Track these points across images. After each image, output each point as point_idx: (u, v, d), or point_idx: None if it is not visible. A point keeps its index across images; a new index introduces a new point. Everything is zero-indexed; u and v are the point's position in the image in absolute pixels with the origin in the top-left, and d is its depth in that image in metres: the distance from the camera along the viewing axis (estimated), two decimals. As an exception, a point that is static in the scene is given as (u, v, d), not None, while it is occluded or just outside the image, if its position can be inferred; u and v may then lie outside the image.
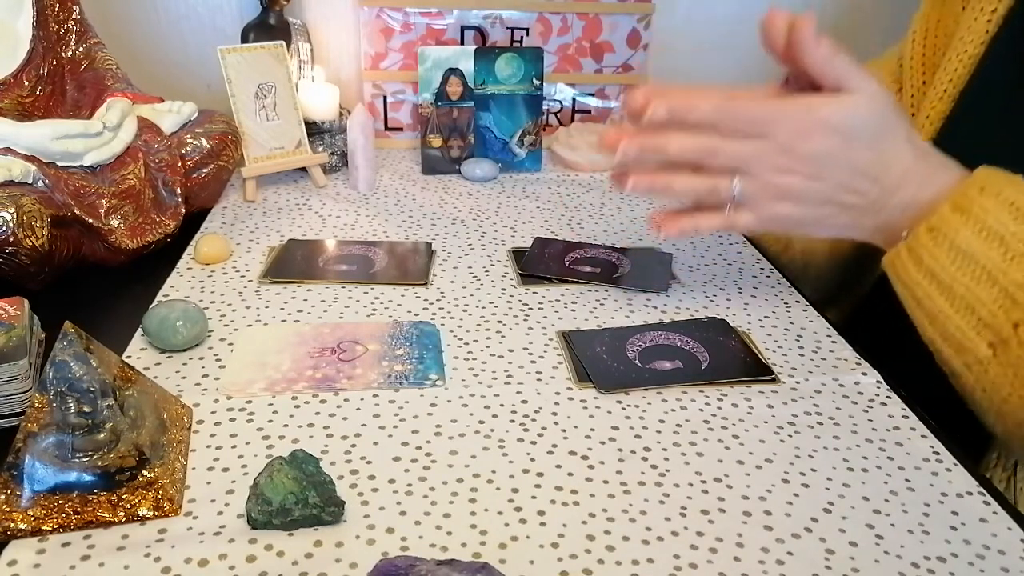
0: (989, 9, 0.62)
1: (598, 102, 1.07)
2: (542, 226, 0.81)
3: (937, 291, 0.52)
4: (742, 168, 0.53)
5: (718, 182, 0.54)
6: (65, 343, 0.40)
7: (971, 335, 0.50)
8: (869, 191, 0.54)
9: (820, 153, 0.52)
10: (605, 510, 0.44)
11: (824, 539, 0.43)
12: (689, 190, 0.55)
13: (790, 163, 0.52)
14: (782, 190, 0.53)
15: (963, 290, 0.50)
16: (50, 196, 0.62)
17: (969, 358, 0.51)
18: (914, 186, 0.53)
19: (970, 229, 0.50)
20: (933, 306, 0.52)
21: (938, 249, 0.51)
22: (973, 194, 0.51)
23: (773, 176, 0.53)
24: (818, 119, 0.51)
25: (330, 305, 0.64)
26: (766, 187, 0.53)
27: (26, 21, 0.75)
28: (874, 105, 0.52)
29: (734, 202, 0.54)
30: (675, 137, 0.53)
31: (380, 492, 0.44)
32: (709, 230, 0.57)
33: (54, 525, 0.40)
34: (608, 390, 0.54)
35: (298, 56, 0.96)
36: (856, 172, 0.53)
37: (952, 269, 0.51)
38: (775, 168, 0.52)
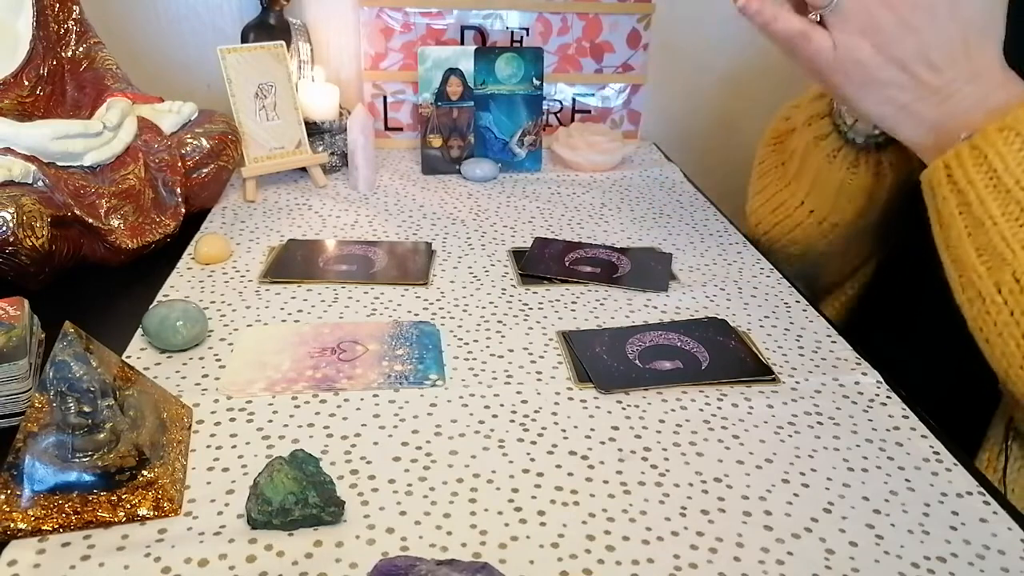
0: None
1: (598, 102, 1.07)
2: (542, 226, 0.81)
3: (992, 194, 0.49)
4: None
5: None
6: (65, 343, 0.40)
7: (1016, 247, 0.48)
8: (945, 70, 0.52)
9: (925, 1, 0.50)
10: (605, 510, 0.44)
11: (824, 539, 0.43)
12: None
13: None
14: (874, 23, 0.51)
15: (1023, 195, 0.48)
16: (50, 196, 0.62)
17: (1005, 275, 0.49)
18: (989, 86, 0.52)
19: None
20: (982, 212, 0.50)
21: (1007, 147, 0.49)
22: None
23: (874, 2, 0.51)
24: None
25: (330, 305, 0.64)
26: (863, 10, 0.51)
27: (26, 21, 0.75)
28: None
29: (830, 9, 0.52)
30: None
31: (380, 492, 0.44)
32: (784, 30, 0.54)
33: (54, 525, 0.40)
34: (608, 390, 0.54)
35: (298, 56, 0.96)
36: (943, 41, 0.51)
37: (1018, 171, 0.48)
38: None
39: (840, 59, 0.53)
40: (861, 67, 0.53)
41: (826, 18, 0.52)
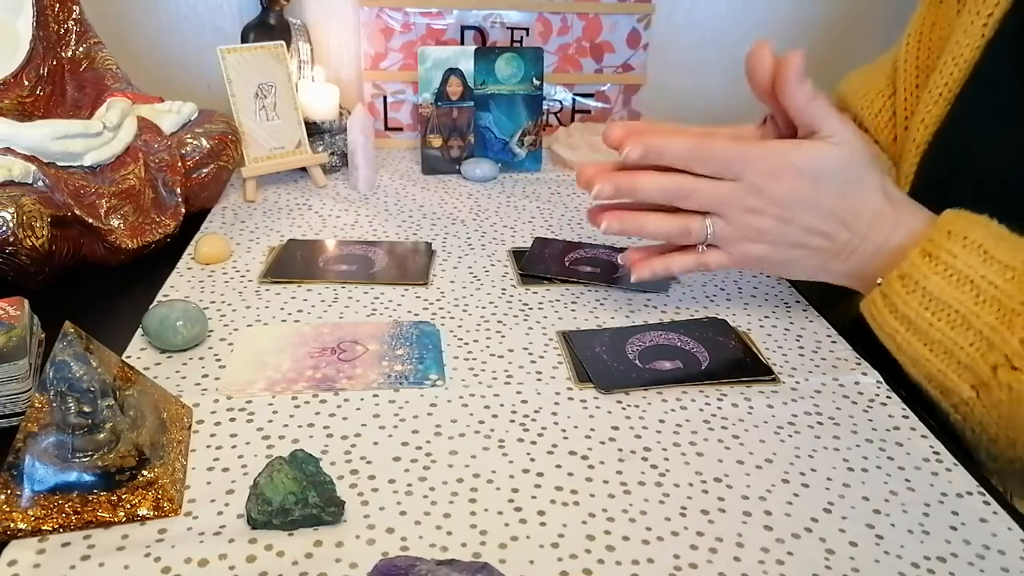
0: (985, 13, 0.62)
1: (598, 102, 1.07)
2: (542, 226, 0.81)
3: (915, 337, 0.52)
4: (715, 209, 0.54)
5: (691, 223, 0.55)
6: (65, 343, 0.40)
7: (953, 378, 0.51)
8: (838, 235, 0.55)
9: (789, 196, 0.53)
10: (605, 510, 0.44)
11: (824, 539, 0.43)
12: (662, 230, 0.56)
13: (761, 204, 0.54)
14: (754, 230, 0.55)
15: (939, 335, 0.51)
16: (50, 196, 0.62)
17: (955, 399, 0.51)
18: (885, 231, 0.55)
19: (940, 275, 0.51)
20: (912, 351, 0.53)
21: (911, 296, 0.52)
22: (940, 239, 0.51)
23: (745, 217, 0.54)
24: (788, 163, 0.53)
25: (330, 305, 0.64)
26: (738, 227, 0.55)
27: (26, 21, 0.75)
28: (845, 152, 0.53)
29: (707, 242, 0.56)
30: (649, 177, 0.54)
31: (380, 492, 0.44)
32: (681, 270, 0.58)
33: (54, 525, 0.40)
34: (608, 390, 0.54)
35: (298, 56, 0.96)
36: (825, 216, 0.54)
37: (927, 315, 0.51)
38: (746, 209, 0.54)
39: (741, 262, 0.58)
40: (763, 260, 0.57)
41: (711, 243, 0.57)
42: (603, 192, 0.55)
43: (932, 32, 0.70)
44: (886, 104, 0.74)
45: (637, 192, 0.55)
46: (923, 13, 0.71)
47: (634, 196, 0.55)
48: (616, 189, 0.55)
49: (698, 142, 0.53)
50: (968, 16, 0.63)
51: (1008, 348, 0.48)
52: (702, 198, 0.54)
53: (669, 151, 0.53)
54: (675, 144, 0.53)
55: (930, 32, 0.70)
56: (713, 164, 0.53)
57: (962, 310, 0.50)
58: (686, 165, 0.53)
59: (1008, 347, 0.48)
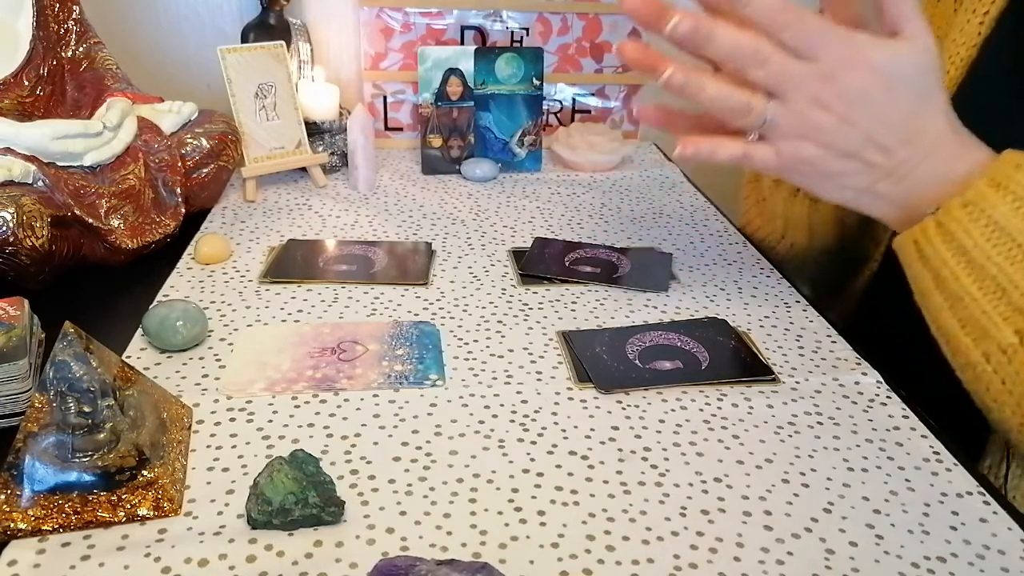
0: (981, 11, 0.62)
1: (598, 102, 1.07)
2: (542, 226, 0.81)
3: (966, 271, 0.49)
4: (781, 89, 0.50)
5: (754, 99, 0.51)
6: (65, 343, 0.40)
7: (997, 320, 0.48)
8: (897, 151, 0.51)
9: (859, 91, 0.49)
10: (605, 510, 0.44)
11: (824, 539, 0.43)
12: (722, 98, 0.51)
13: (829, 96, 0.50)
14: (812, 125, 0.51)
15: (995, 270, 0.48)
16: (50, 196, 0.62)
17: (991, 346, 0.49)
18: (946, 157, 0.51)
19: (1009, 205, 0.48)
20: (958, 287, 0.50)
21: (973, 224, 0.49)
22: (1010, 171, 0.49)
23: (808, 107, 0.50)
24: (868, 57, 0.49)
25: (330, 305, 0.64)
26: (798, 117, 0.51)
27: (26, 21, 0.75)
28: (924, 60, 0.50)
29: (763, 127, 0.51)
30: (729, 28, 0.49)
31: (380, 492, 0.44)
32: (727, 158, 0.53)
33: (54, 525, 0.40)
34: (608, 390, 0.54)
35: (298, 56, 0.96)
36: (888, 126, 0.51)
37: (987, 246, 0.48)
38: (813, 98, 0.50)
39: (787, 164, 0.53)
40: (810, 164, 0.52)
41: (764, 133, 0.52)
42: (680, 27, 0.49)
43: None
44: None
45: (713, 39, 0.49)
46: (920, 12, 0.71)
47: (708, 44, 0.50)
48: (695, 27, 0.49)
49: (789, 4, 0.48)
50: (965, 15, 0.63)
51: None
52: (775, 68, 0.49)
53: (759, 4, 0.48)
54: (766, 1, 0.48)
55: None
56: (797, 31, 0.48)
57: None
58: (771, 25, 0.49)
59: None
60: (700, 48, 0.50)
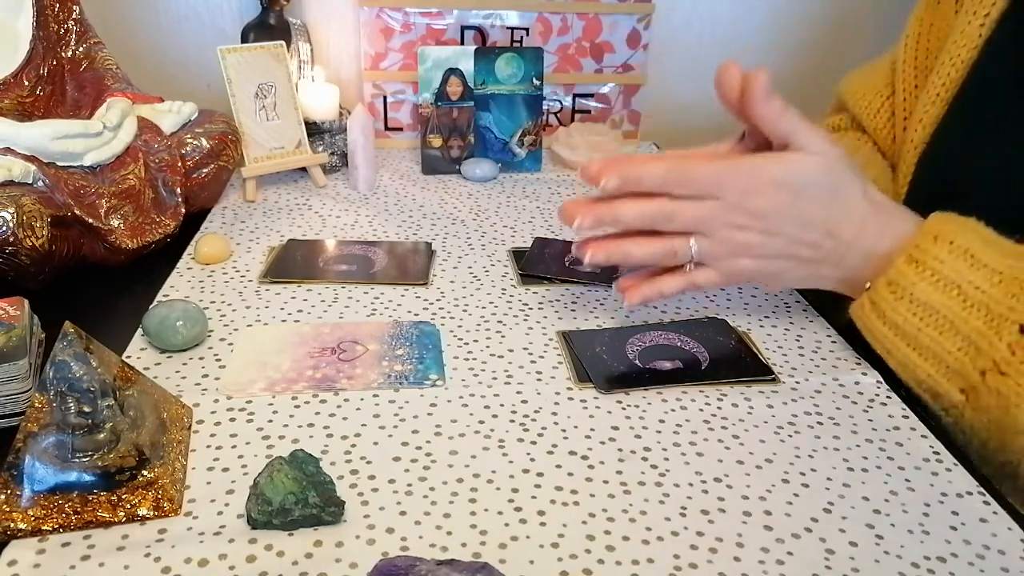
0: (982, 13, 0.62)
1: (598, 102, 1.07)
2: (542, 226, 0.81)
3: (903, 342, 0.52)
4: (698, 229, 0.54)
5: (676, 244, 0.55)
6: (65, 343, 0.40)
7: (942, 382, 0.51)
8: (823, 244, 0.55)
9: (771, 209, 0.53)
10: (605, 510, 0.44)
11: (824, 539, 0.43)
12: (648, 255, 0.56)
13: (744, 219, 0.53)
14: (740, 245, 0.54)
15: (928, 340, 0.51)
16: (50, 196, 0.62)
17: (944, 403, 0.52)
18: (872, 237, 0.55)
19: (927, 281, 0.51)
20: (902, 356, 0.53)
21: (899, 303, 0.52)
22: (927, 245, 0.52)
23: (729, 233, 0.54)
24: (767, 176, 0.53)
25: (330, 305, 0.64)
26: (723, 243, 0.54)
27: (26, 21, 0.75)
28: (822, 162, 0.53)
29: (694, 261, 0.56)
30: (629, 204, 0.54)
31: (380, 492, 0.44)
32: (673, 292, 0.58)
33: (54, 525, 0.40)
34: (608, 390, 0.54)
35: (298, 56, 0.96)
36: (808, 226, 0.54)
37: (915, 320, 0.51)
38: (730, 225, 0.54)
39: (730, 278, 0.57)
40: (753, 274, 0.57)
41: (698, 262, 0.56)
42: (584, 224, 0.54)
43: (930, 33, 0.70)
44: (885, 104, 0.74)
45: (618, 220, 0.54)
46: (921, 14, 0.71)
47: (616, 224, 0.55)
48: (597, 219, 0.54)
49: (673, 165, 0.53)
50: (965, 17, 0.63)
51: (996, 353, 0.48)
52: (684, 219, 0.53)
53: (646, 177, 0.53)
54: (651, 170, 0.53)
55: (928, 33, 0.70)
56: (691, 186, 0.53)
57: (950, 315, 0.50)
58: (665, 189, 0.53)
59: (996, 352, 0.48)
60: (613, 227, 0.55)
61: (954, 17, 0.66)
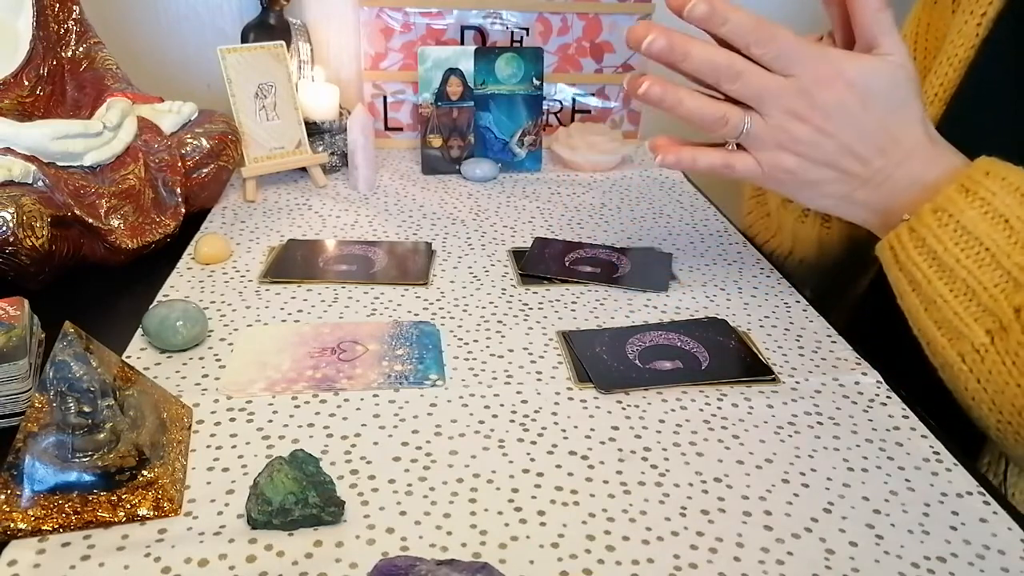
0: (979, 12, 0.62)
1: (598, 102, 1.07)
2: (542, 226, 0.81)
3: (937, 274, 0.51)
4: (757, 102, 0.52)
5: (731, 112, 0.52)
6: (65, 343, 0.40)
7: (969, 321, 0.50)
8: (872, 160, 0.53)
9: (834, 105, 0.51)
10: (605, 510, 0.44)
11: (824, 539, 0.43)
12: (700, 110, 0.53)
13: (804, 109, 0.51)
14: (790, 137, 0.52)
15: (965, 273, 0.50)
16: (50, 196, 0.62)
17: (965, 346, 0.50)
18: (920, 164, 0.53)
19: (976, 210, 0.50)
20: (931, 290, 0.51)
21: (942, 229, 0.51)
22: (979, 177, 0.51)
23: (785, 119, 0.52)
24: (842, 72, 0.51)
25: (330, 305, 0.64)
26: (775, 129, 0.52)
27: (26, 21, 0.75)
28: (898, 74, 0.51)
29: (741, 138, 0.53)
30: (704, 45, 0.51)
31: (380, 492, 0.44)
32: (707, 166, 0.55)
33: (54, 525, 0.40)
34: (608, 390, 0.54)
35: (298, 56, 0.96)
36: (864, 136, 0.52)
37: (956, 250, 0.50)
38: (789, 111, 0.51)
39: (768, 173, 0.54)
40: (790, 173, 0.54)
41: (743, 143, 0.54)
42: (656, 44, 0.51)
43: (928, 33, 0.70)
44: None
45: (688, 56, 0.51)
46: (918, 14, 0.71)
47: (684, 61, 0.52)
48: (669, 44, 0.51)
49: (764, 21, 0.50)
50: (962, 16, 0.63)
51: None
52: (750, 83, 0.51)
53: (734, 19, 0.50)
54: (741, 14, 0.50)
55: (925, 33, 0.70)
56: (771, 48, 0.50)
57: (993, 248, 0.49)
58: (745, 41, 0.50)
59: None
60: (677, 64, 0.52)
61: (951, 17, 0.66)
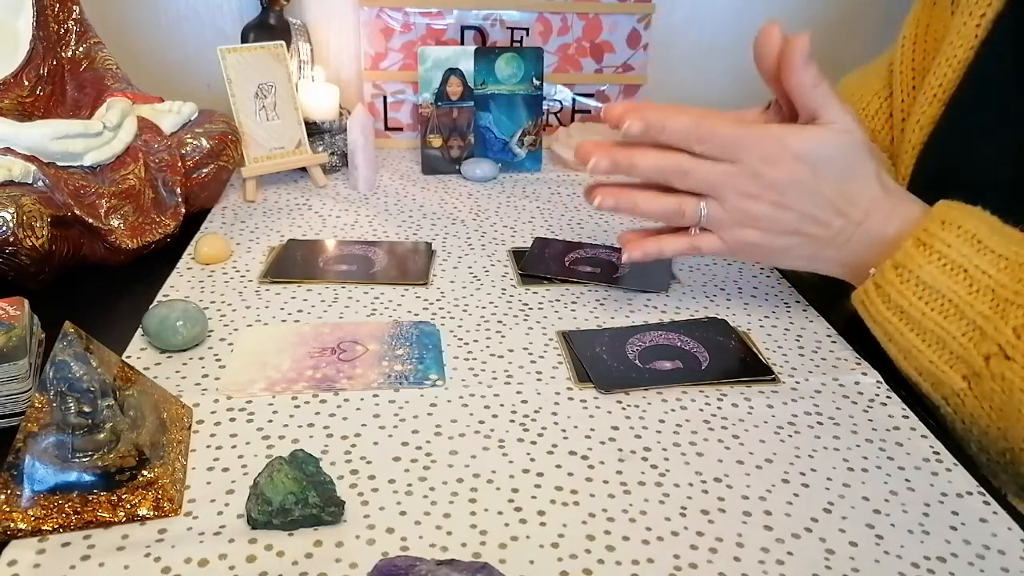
0: (978, 13, 0.62)
1: (598, 102, 1.07)
2: (542, 226, 0.81)
3: (907, 327, 0.52)
4: (710, 191, 0.54)
5: (685, 203, 0.55)
6: (65, 343, 0.40)
7: (945, 369, 0.51)
8: (833, 222, 0.55)
9: (787, 181, 0.53)
10: (605, 510, 0.44)
11: (824, 539, 0.43)
12: (656, 209, 0.55)
13: (758, 189, 0.53)
14: (749, 216, 0.54)
15: (932, 325, 0.51)
16: (50, 196, 0.62)
17: (946, 391, 0.52)
18: (879, 220, 0.55)
19: (934, 264, 0.51)
20: (905, 342, 0.53)
21: (904, 285, 0.52)
22: (934, 229, 0.52)
23: (740, 201, 0.54)
24: (788, 148, 0.52)
25: (330, 305, 0.64)
26: (733, 211, 0.54)
27: (26, 21, 0.75)
28: (845, 139, 0.53)
29: (700, 225, 0.55)
30: (647, 153, 0.54)
31: (380, 492, 0.44)
32: (674, 253, 0.58)
33: (54, 525, 0.40)
34: (608, 390, 0.54)
35: (298, 56, 0.96)
36: (821, 203, 0.54)
37: (920, 304, 0.51)
38: (743, 193, 0.53)
39: (734, 248, 0.57)
40: (756, 246, 0.57)
41: (705, 227, 0.56)
42: (599, 166, 0.54)
43: (927, 34, 0.70)
44: (883, 106, 0.74)
45: (634, 167, 0.54)
46: (917, 15, 0.72)
47: (631, 172, 0.54)
48: (613, 163, 0.54)
49: (699, 120, 0.52)
50: (961, 17, 0.63)
51: (1001, 337, 0.48)
52: (698, 178, 0.53)
53: (670, 126, 0.52)
54: (676, 120, 0.52)
55: (924, 34, 0.70)
56: (712, 144, 0.52)
57: (955, 299, 0.50)
58: (686, 143, 0.53)
59: (1001, 336, 0.48)
60: (627, 174, 0.55)
61: (950, 18, 0.66)
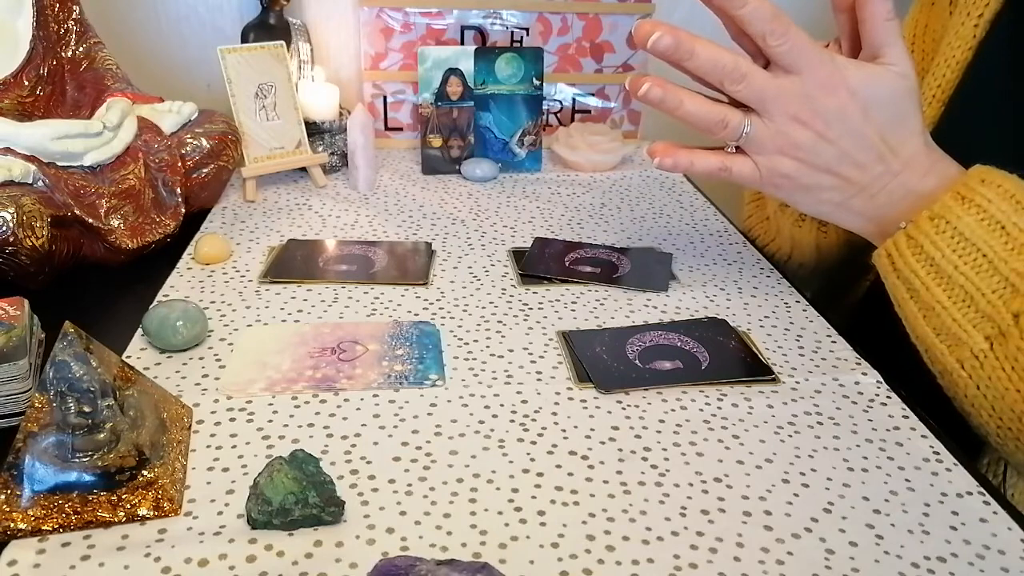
0: (976, 14, 0.62)
1: (598, 102, 1.07)
2: (542, 226, 0.81)
3: (935, 280, 0.51)
4: (759, 105, 0.52)
5: (731, 114, 0.52)
6: (65, 343, 0.40)
7: (968, 327, 0.50)
8: (871, 167, 0.53)
9: (836, 112, 0.51)
10: (605, 510, 0.44)
11: (824, 539, 0.43)
12: (700, 112, 0.53)
13: (807, 114, 0.51)
14: (790, 141, 0.52)
15: (963, 279, 0.50)
16: (50, 196, 0.62)
17: (964, 353, 0.51)
18: (917, 174, 0.53)
19: (973, 216, 0.50)
20: (930, 297, 0.52)
21: (940, 236, 0.51)
22: (975, 184, 0.51)
23: (786, 124, 0.52)
24: (845, 79, 0.51)
25: (330, 305, 0.64)
26: (776, 134, 0.52)
27: (26, 21, 0.75)
28: (900, 85, 0.52)
29: (741, 141, 0.53)
30: (710, 45, 0.51)
31: (380, 492, 0.44)
32: (704, 169, 0.55)
33: (54, 525, 0.40)
34: (608, 390, 0.54)
35: (298, 56, 0.96)
36: (863, 145, 0.52)
37: (953, 257, 0.50)
38: (791, 115, 0.52)
39: (766, 177, 0.55)
40: (787, 178, 0.54)
41: (742, 147, 0.54)
42: (660, 43, 0.51)
43: (925, 34, 0.70)
44: None
45: (694, 55, 0.51)
46: (916, 15, 0.72)
47: (689, 59, 0.52)
48: (675, 42, 0.51)
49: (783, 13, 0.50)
50: (960, 17, 0.63)
51: None
52: (754, 85, 0.51)
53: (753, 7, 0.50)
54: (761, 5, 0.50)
55: (923, 34, 0.70)
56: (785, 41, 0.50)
57: (990, 254, 0.49)
58: (762, 28, 0.50)
59: None
60: (681, 63, 0.52)
61: (949, 18, 0.66)
